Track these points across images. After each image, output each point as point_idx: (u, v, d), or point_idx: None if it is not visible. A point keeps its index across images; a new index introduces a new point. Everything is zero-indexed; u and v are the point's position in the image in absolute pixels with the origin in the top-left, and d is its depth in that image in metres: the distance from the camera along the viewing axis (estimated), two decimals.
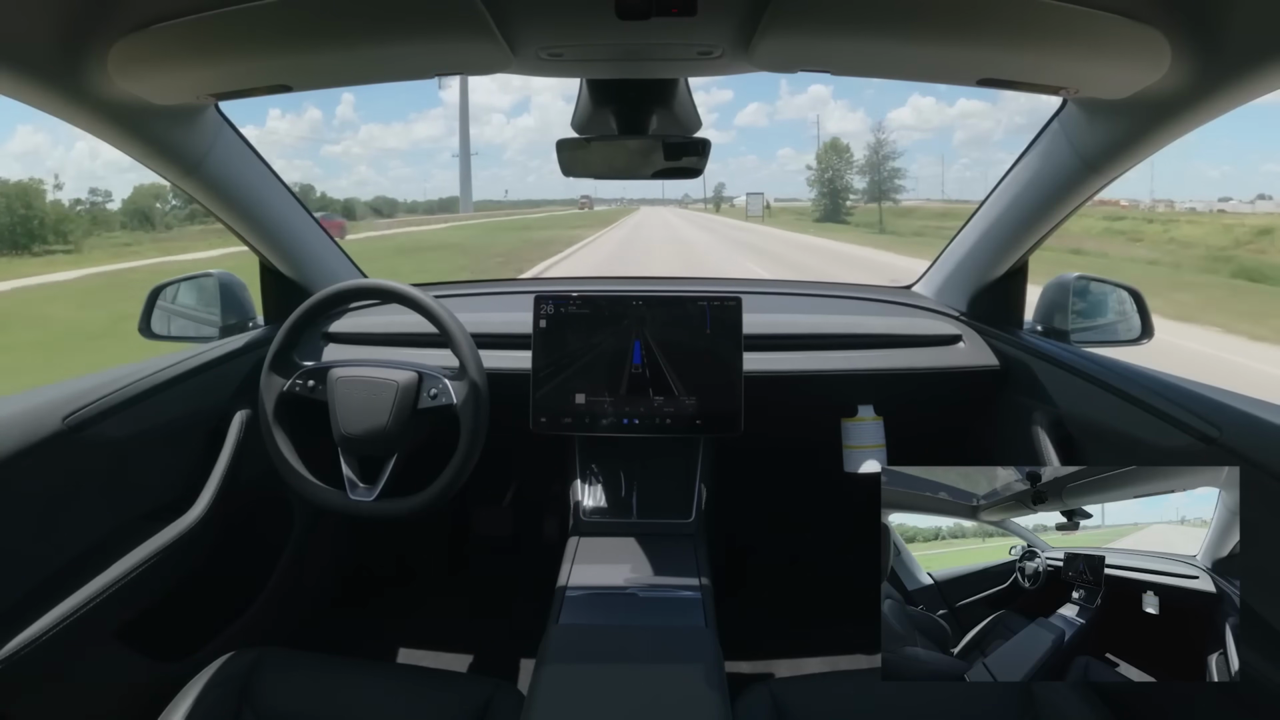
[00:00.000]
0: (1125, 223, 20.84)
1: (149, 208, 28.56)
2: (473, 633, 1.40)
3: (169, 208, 28.57)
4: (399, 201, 63.00)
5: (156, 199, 28.73)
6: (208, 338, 1.16)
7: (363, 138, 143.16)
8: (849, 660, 1.30)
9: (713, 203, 72.04)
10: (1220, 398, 0.75)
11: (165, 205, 28.65)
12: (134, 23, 0.63)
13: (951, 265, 1.26)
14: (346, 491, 0.95)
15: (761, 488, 1.50)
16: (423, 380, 0.96)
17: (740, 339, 1.02)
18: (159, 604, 0.92)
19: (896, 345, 1.15)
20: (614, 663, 0.76)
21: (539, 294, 1.05)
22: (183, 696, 0.78)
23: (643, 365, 1.03)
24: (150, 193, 28.64)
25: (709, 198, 73.90)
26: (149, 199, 28.77)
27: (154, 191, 28.60)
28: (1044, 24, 0.60)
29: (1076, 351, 1.01)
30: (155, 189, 28.24)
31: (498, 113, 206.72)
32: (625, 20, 0.62)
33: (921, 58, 0.68)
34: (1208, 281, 10.67)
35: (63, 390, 0.84)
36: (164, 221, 27.86)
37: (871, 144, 38.31)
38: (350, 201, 46.52)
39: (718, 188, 77.00)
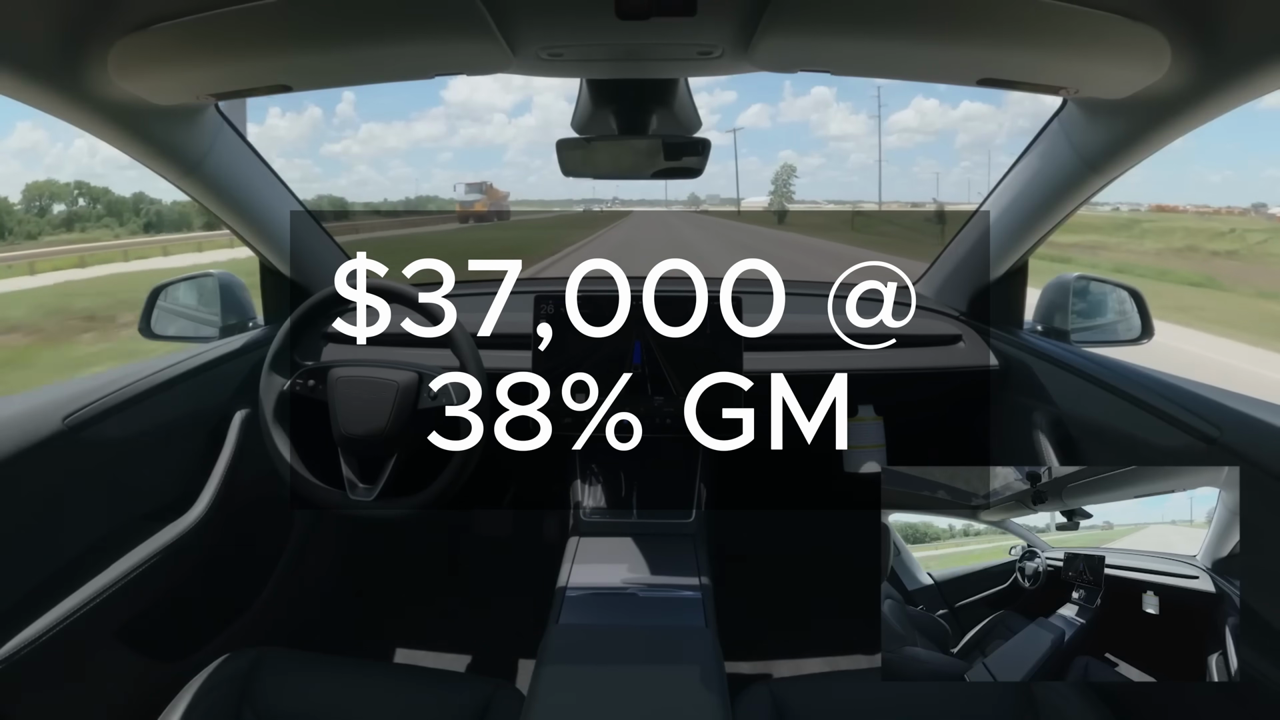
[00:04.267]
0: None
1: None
2: (473, 633, 1.40)
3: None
4: (349, 203, 49.60)
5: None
6: (207, 338, 1.16)
7: (362, 136, 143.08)
8: (849, 660, 1.30)
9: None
10: (1220, 398, 0.75)
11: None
12: (134, 23, 0.63)
13: (951, 265, 1.26)
14: (346, 492, 0.95)
15: (761, 488, 1.50)
16: (423, 380, 0.96)
17: (740, 339, 1.02)
18: (159, 604, 0.92)
19: (896, 345, 1.15)
20: (614, 663, 0.76)
21: (539, 294, 1.05)
22: (183, 696, 0.78)
23: (643, 365, 1.03)
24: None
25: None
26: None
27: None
28: (1044, 24, 0.60)
29: (1076, 351, 1.01)
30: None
31: (499, 112, 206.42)
32: (625, 20, 0.62)
33: (921, 58, 0.68)
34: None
35: (63, 390, 0.84)
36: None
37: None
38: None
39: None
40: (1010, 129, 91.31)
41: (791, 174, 53.17)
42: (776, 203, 48.47)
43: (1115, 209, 29.71)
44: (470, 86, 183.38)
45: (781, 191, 52.27)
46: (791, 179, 53.10)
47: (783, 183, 52.89)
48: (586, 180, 1.64)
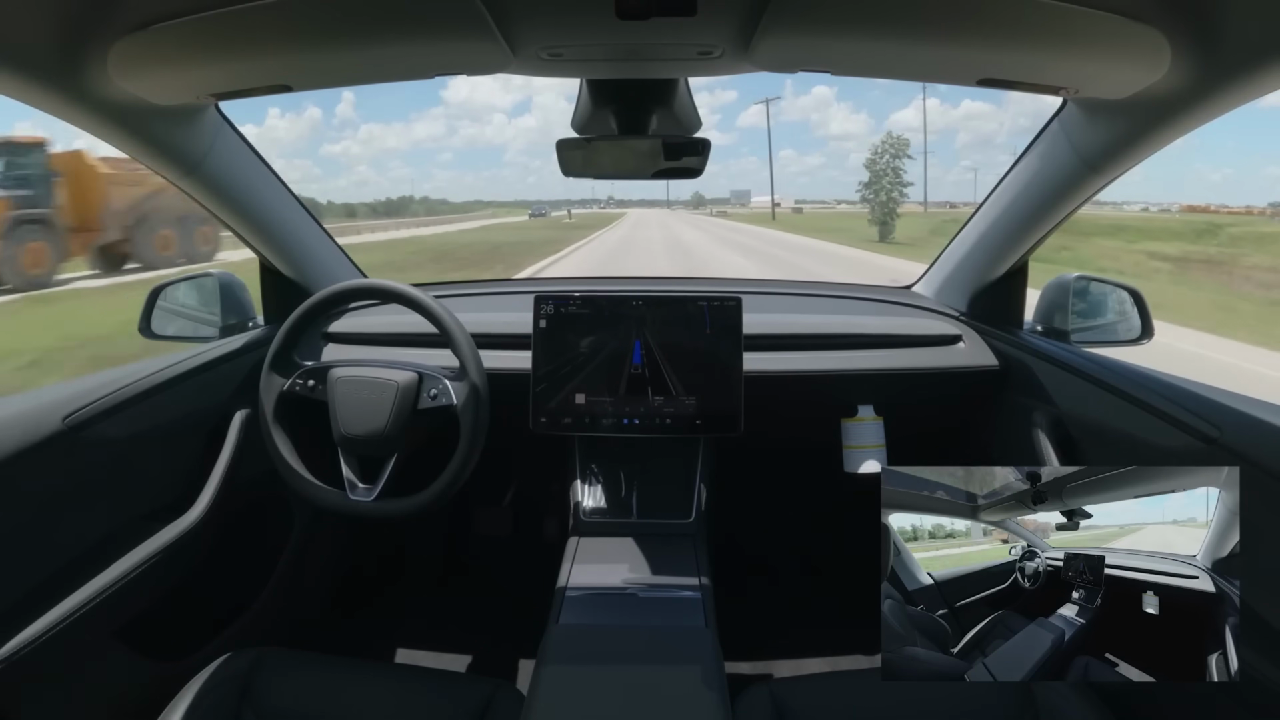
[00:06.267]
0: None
1: None
2: (473, 632, 1.40)
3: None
4: (320, 203, 46.24)
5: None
6: (207, 338, 1.16)
7: (362, 137, 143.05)
8: (849, 660, 1.30)
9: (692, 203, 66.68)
10: (1220, 398, 0.75)
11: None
12: (134, 23, 0.63)
13: (951, 265, 1.26)
14: (346, 492, 0.95)
15: (761, 488, 1.50)
16: (423, 380, 0.96)
17: (740, 339, 1.02)
18: (159, 604, 0.92)
19: (896, 345, 1.15)
20: (614, 663, 0.76)
21: (539, 294, 1.05)
22: (183, 696, 0.78)
23: (643, 365, 1.03)
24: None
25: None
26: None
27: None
28: (1044, 24, 0.60)
29: (1076, 351, 1.01)
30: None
31: (499, 112, 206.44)
32: (625, 20, 0.62)
33: (921, 58, 0.68)
34: None
35: (63, 390, 0.84)
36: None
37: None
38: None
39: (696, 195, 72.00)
40: (1011, 128, 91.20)
41: (903, 151, 25.43)
42: (879, 210, 24.13)
43: (1145, 208, 28.56)
44: (470, 86, 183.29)
45: (883, 184, 24.53)
46: (902, 159, 25.24)
47: (887, 166, 24.96)
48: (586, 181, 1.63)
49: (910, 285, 1.42)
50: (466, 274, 12.32)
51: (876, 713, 0.78)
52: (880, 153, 25.46)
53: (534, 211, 50.92)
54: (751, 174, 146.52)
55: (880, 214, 24.01)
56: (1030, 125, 1.37)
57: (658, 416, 1.03)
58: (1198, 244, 15.48)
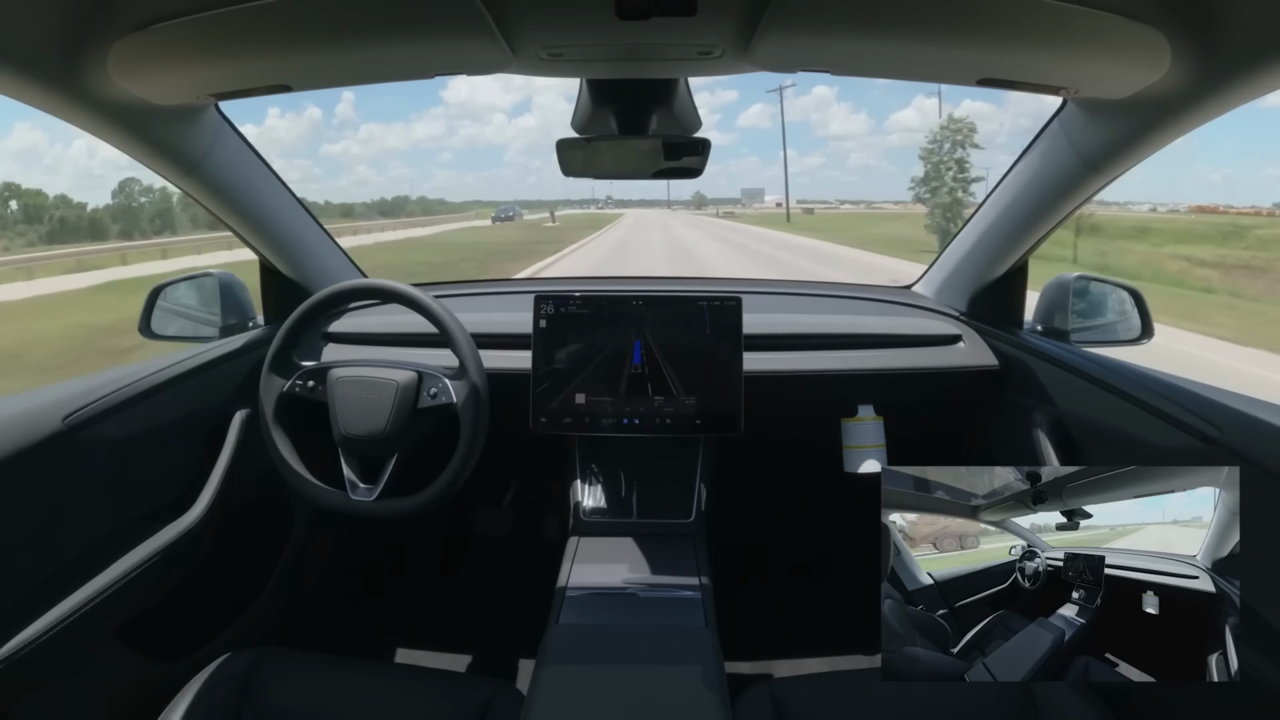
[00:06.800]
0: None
1: None
2: (473, 632, 1.40)
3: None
4: (318, 204, 41.50)
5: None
6: (207, 338, 1.16)
7: (362, 137, 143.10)
8: (849, 660, 1.30)
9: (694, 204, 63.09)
10: (1220, 398, 0.75)
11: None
12: (134, 23, 0.63)
13: (951, 265, 1.26)
14: (347, 492, 0.95)
15: (761, 488, 1.50)
16: (423, 380, 0.96)
17: (740, 339, 1.02)
18: (159, 604, 0.92)
19: (896, 345, 1.15)
20: (614, 663, 0.76)
21: (539, 294, 1.05)
22: (183, 696, 0.78)
23: (643, 365, 1.03)
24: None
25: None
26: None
27: None
28: (1044, 24, 0.60)
29: (1076, 351, 1.01)
30: None
31: (499, 112, 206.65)
32: (625, 20, 0.62)
33: (921, 58, 0.68)
34: None
35: (63, 390, 0.84)
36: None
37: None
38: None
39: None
40: (1011, 128, 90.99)
41: (969, 139, 19.22)
42: (940, 214, 18.45)
43: (1153, 209, 28.16)
44: (470, 86, 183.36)
45: (945, 179, 18.94)
46: (968, 148, 19.13)
47: (948, 157, 19.20)
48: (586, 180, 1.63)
49: (910, 285, 1.42)
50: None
51: (876, 713, 0.78)
52: (940, 140, 19.43)
53: (500, 214, 37.39)
54: (752, 174, 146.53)
55: (942, 219, 18.15)
56: (1030, 125, 1.37)
57: (658, 416, 1.03)
58: (1226, 247, 14.49)
